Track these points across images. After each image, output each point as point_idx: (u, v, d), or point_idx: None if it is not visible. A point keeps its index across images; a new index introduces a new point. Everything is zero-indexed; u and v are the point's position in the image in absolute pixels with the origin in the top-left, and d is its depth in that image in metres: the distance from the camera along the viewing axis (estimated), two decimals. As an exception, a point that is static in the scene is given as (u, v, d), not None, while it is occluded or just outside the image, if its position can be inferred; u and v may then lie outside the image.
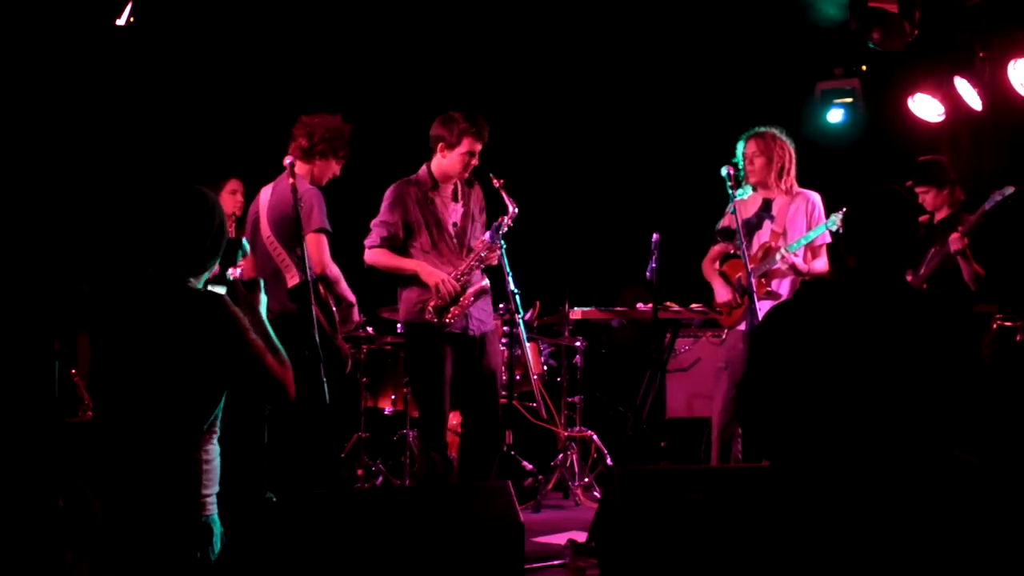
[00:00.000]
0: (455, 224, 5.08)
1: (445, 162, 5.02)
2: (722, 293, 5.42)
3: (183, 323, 2.72)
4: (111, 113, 6.10)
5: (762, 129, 5.32)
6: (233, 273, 2.99)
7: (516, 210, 4.97)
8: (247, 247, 3.14)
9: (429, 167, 5.08)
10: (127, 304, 2.79)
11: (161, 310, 2.74)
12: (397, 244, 5.02)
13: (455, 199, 5.10)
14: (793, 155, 5.33)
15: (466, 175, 5.06)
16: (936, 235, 5.55)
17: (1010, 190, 5.32)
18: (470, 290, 4.93)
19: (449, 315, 4.88)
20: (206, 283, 2.88)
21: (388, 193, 5.07)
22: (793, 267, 5.16)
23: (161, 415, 2.72)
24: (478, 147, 5.00)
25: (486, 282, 5.00)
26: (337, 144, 4.91)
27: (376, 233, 5.04)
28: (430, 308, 4.88)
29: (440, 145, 5.00)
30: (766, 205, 5.34)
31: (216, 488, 2.79)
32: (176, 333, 2.72)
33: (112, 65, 5.92)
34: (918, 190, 5.72)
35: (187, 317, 2.73)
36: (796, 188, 5.33)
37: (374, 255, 5.05)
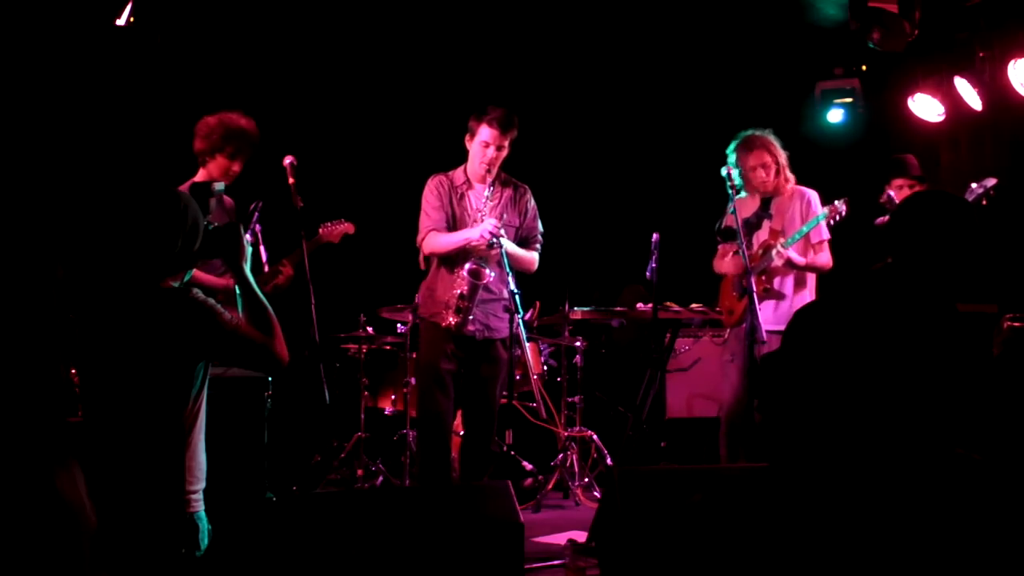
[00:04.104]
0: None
1: (470, 154, 4.98)
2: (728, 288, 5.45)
3: (156, 325, 2.73)
4: (111, 113, 6.11)
5: (758, 135, 5.28)
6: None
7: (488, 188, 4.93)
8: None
9: (465, 165, 5.05)
10: (103, 306, 2.81)
11: (134, 312, 2.75)
12: (445, 230, 5.00)
13: (489, 199, 5.00)
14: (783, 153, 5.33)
15: (488, 169, 4.93)
16: None
17: (991, 182, 5.32)
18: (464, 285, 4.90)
19: (456, 310, 4.86)
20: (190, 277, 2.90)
21: (426, 187, 5.05)
22: (789, 262, 5.16)
23: (141, 413, 2.73)
24: (499, 139, 4.88)
25: (483, 276, 4.91)
26: (217, 142, 4.77)
27: (424, 227, 5.00)
28: (448, 313, 4.88)
29: (467, 136, 4.97)
30: (765, 204, 5.34)
31: (202, 484, 2.80)
32: (149, 335, 2.73)
33: (112, 65, 5.92)
34: (897, 182, 5.77)
35: (160, 319, 2.74)
36: (793, 185, 5.34)
37: (430, 243, 4.98)
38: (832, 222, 5.18)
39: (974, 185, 5.39)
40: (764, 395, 2.99)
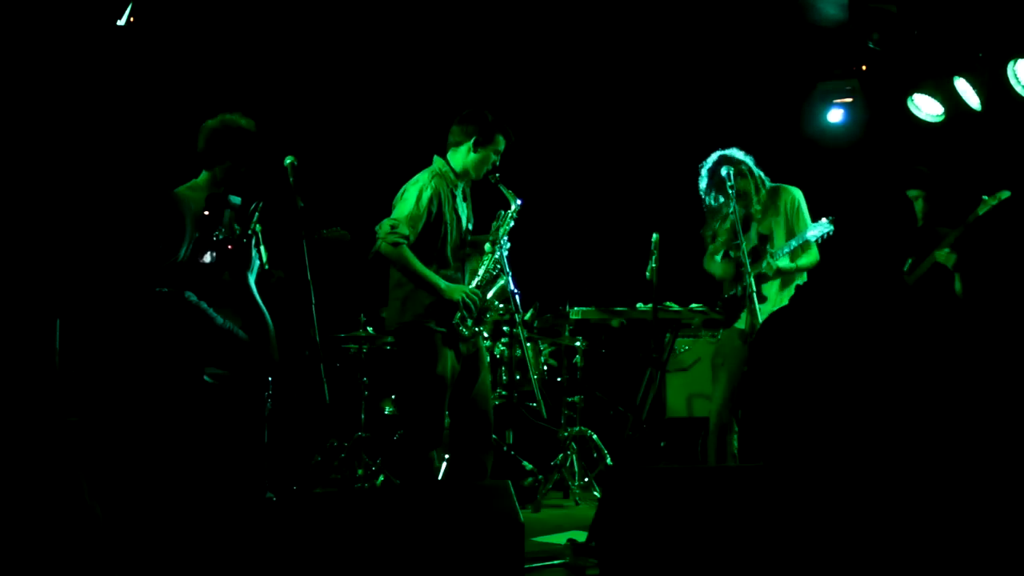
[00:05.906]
0: (468, 225, 4.97)
1: (472, 157, 4.87)
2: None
3: (151, 327, 2.74)
4: (111, 113, 6.11)
5: (733, 172, 5.25)
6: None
7: (520, 202, 4.88)
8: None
9: (448, 161, 4.93)
10: (99, 308, 2.81)
11: (130, 314, 2.76)
12: (420, 242, 4.86)
13: (463, 198, 4.98)
14: (756, 172, 5.33)
15: (480, 176, 4.92)
16: (923, 242, 5.57)
17: (1005, 194, 5.35)
18: (490, 293, 4.88)
19: (475, 321, 4.84)
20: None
21: (421, 185, 4.84)
22: (778, 271, 5.23)
23: (139, 413, 2.74)
24: (502, 149, 4.91)
25: (504, 280, 4.86)
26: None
27: (408, 229, 4.77)
28: (463, 321, 4.85)
29: (474, 140, 4.86)
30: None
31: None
32: (144, 337, 2.73)
33: (112, 65, 5.92)
34: (911, 195, 5.79)
35: (155, 320, 2.74)
36: (768, 184, 5.35)
37: (400, 254, 4.75)
38: (819, 241, 5.18)
39: (986, 197, 5.41)
40: (751, 399, 3.00)
